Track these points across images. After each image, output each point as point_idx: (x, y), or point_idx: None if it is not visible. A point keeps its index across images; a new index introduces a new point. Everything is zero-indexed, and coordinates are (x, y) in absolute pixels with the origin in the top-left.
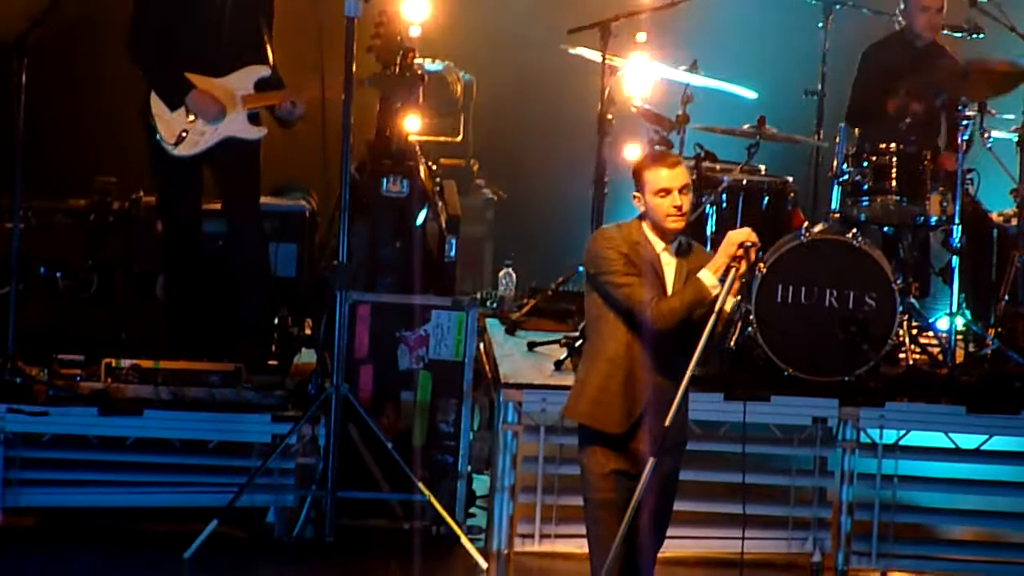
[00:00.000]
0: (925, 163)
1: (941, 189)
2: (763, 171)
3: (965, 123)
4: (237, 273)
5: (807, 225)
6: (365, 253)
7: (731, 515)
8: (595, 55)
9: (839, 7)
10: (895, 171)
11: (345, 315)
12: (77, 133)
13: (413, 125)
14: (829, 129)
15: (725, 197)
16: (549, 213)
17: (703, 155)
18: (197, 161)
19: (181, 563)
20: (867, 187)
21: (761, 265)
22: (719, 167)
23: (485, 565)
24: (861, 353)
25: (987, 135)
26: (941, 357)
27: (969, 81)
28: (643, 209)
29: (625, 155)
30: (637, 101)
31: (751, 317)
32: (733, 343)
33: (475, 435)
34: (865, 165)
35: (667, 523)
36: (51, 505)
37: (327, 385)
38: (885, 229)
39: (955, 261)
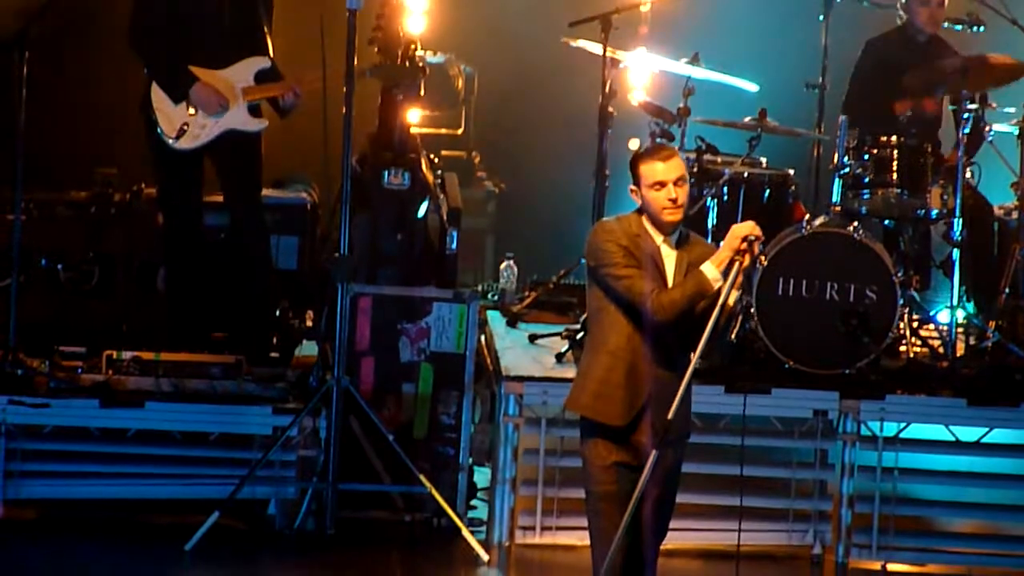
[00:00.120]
0: (926, 156)
1: (942, 182)
2: (764, 164)
3: (966, 116)
4: (238, 265)
5: (808, 218)
6: (366, 245)
7: (732, 507)
8: (596, 48)
9: (840, 0)
10: (896, 164)
11: (346, 307)
12: (78, 125)
13: (414, 117)
14: (830, 122)
15: (726, 190)
16: (550, 206)
17: (704, 148)
18: (198, 153)
19: (182, 555)
20: (868, 180)
21: (762, 258)
22: (720, 160)
23: (486, 557)
24: (862, 346)
25: (988, 128)
26: (942, 350)
27: (969, 75)
28: (640, 203)
29: (626, 148)
30: (638, 94)
31: (752, 310)
32: (734, 336)
33: (476, 427)
34: (866, 158)
35: (670, 515)
36: (52, 497)
37: (328, 377)
38: (886, 222)
39: (956, 254)
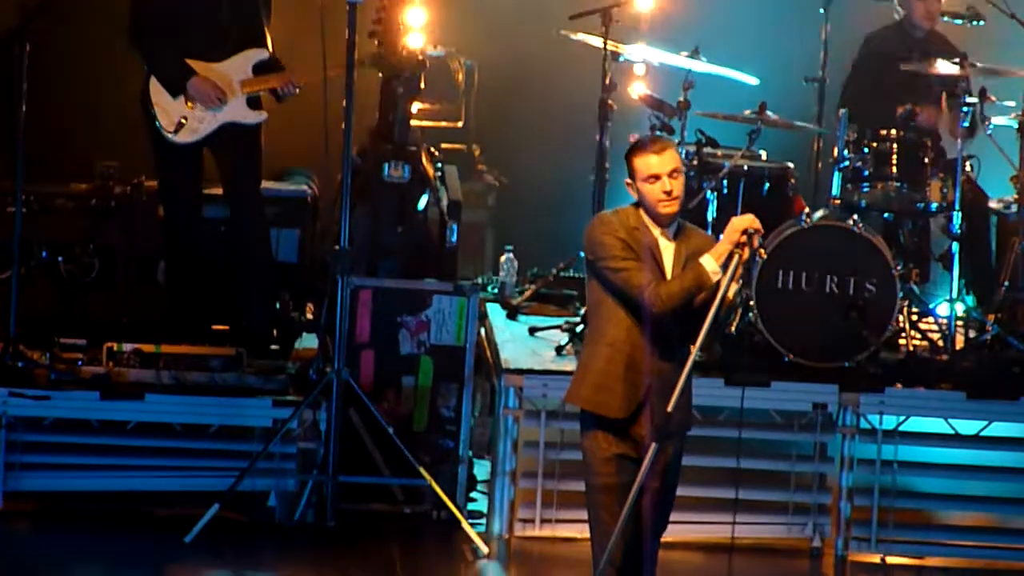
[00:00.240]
0: (925, 149)
1: (941, 175)
2: (764, 157)
3: (966, 109)
4: (239, 258)
5: (808, 211)
6: (366, 238)
7: (731, 500)
8: (596, 41)
9: None
10: (895, 157)
11: (346, 300)
12: (79, 118)
13: (415, 110)
14: (830, 115)
15: (726, 183)
16: (550, 198)
17: (704, 141)
18: (197, 146)
19: (182, 547)
20: (868, 173)
21: (762, 251)
22: (720, 153)
23: (486, 549)
24: (861, 339)
25: (987, 122)
26: (941, 343)
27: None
28: (636, 196)
29: (627, 141)
30: (638, 87)
31: (752, 303)
32: (734, 329)
33: (476, 420)
34: (866, 151)
35: (670, 508)
36: (53, 489)
37: (328, 370)
38: (885, 215)
39: (955, 247)
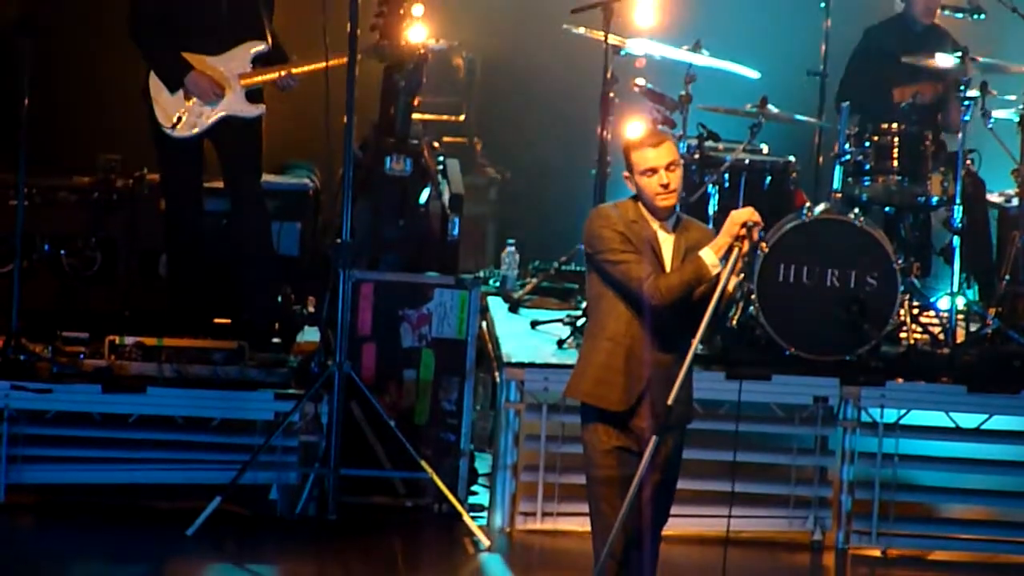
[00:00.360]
0: (926, 143)
1: (942, 169)
2: (765, 151)
3: (967, 104)
4: (240, 251)
5: (809, 205)
6: (368, 232)
7: (731, 493)
8: (598, 35)
9: None
10: (896, 151)
11: (348, 293)
12: (81, 111)
13: (416, 104)
14: (831, 109)
15: (727, 177)
16: (552, 192)
17: (706, 135)
18: (198, 140)
19: (184, 540)
20: (869, 167)
21: (763, 245)
22: (722, 147)
23: (487, 543)
24: (862, 332)
25: (988, 115)
26: (942, 337)
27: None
28: (634, 189)
29: (628, 135)
30: (640, 81)
31: (753, 296)
32: (735, 322)
33: (477, 413)
34: (867, 145)
35: (670, 501)
36: (55, 482)
37: (330, 363)
38: (887, 209)
39: (956, 241)
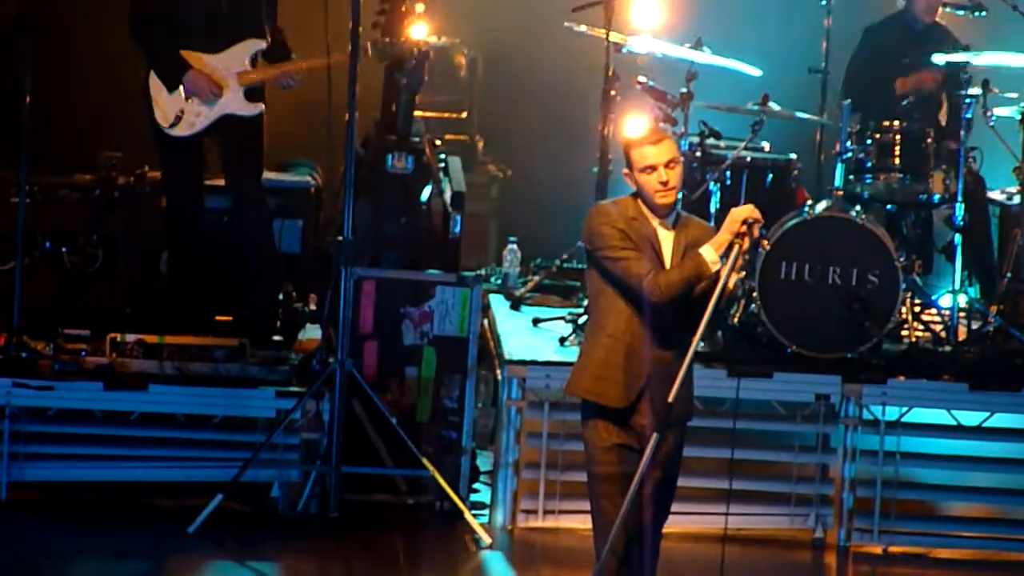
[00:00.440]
0: (928, 141)
1: (944, 167)
2: (767, 148)
3: (968, 101)
4: (241, 248)
5: (811, 203)
6: (370, 229)
7: (733, 491)
8: (599, 32)
9: None
10: (898, 149)
11: (350, 291)
12: (83, 108)
13: (418, 101)
14: (833, 107)
15: (729, 174)
16: (553, 189)
17: (707, 132)
18: (198, 138)
19: (186, 537)
20: (870, 165)
21: (765, 242)
22: (723, 144)
23: (489, 540)
24: (864, 330)
25: (990, 113)
26: (944, 334)
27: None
28: (634, 186)
29: (628, 132)
30: (641, 78)
31: (755, 294)
32: (737, 320)
33: (479, 411)
34: (868, 143)
35: (671, 498)
36: (56, 479)
37: (331, 360)
38: (888, 207)
39: (958, 239)
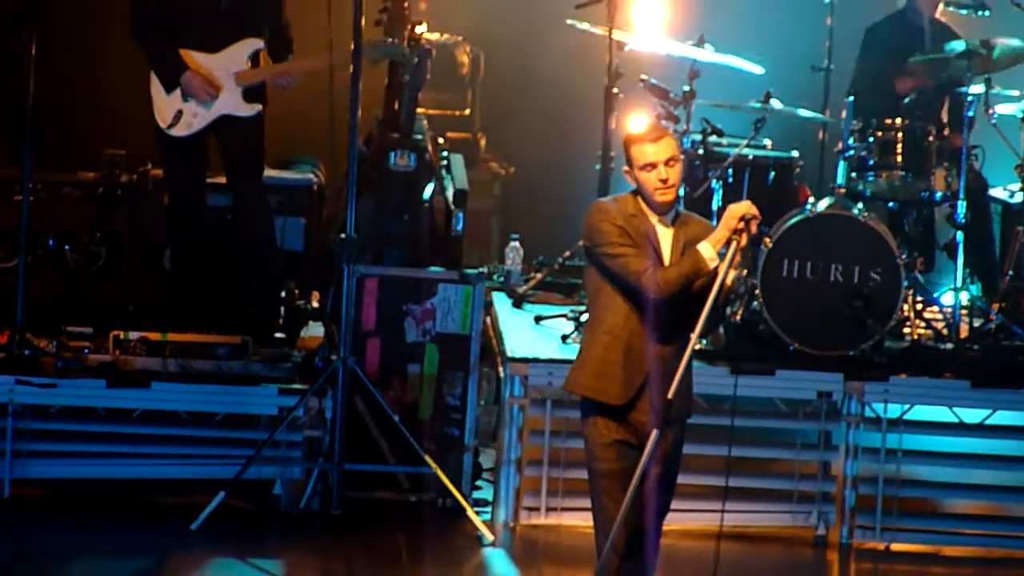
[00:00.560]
0: (930, 139)
1: (946, 165)
2: (769, 146)
3: (970, 99)
4: (242, 247)
5: (813, 200)
6: (372, 227)
7: (735, 488)
8: (602, 30)
9: None
10: (900, 147)
11: (352, 288)
12: (85, 106)
13: (420, 99)
14: (835, 104)
15: (731, 172)
16: (556, 187)
17: (710, 130)
18: (199, 136)
19: (188, 534)
20: (872, 162)
21: (767, 240)
22: (726, 142)
23: (491, 538)
24: (866, 328)
25: (991, 111)
26: (945, 332)
27: (974, 59)
28: (633, 183)
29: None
30: (643, 76)
31: (757, 291)
32: (739, 317)
33: (481, 408)
34: (871, 141)
35: (671, 495)
36: (59, 477)
37: (334, 358)
38: (890, 204)
39: (960, 236)
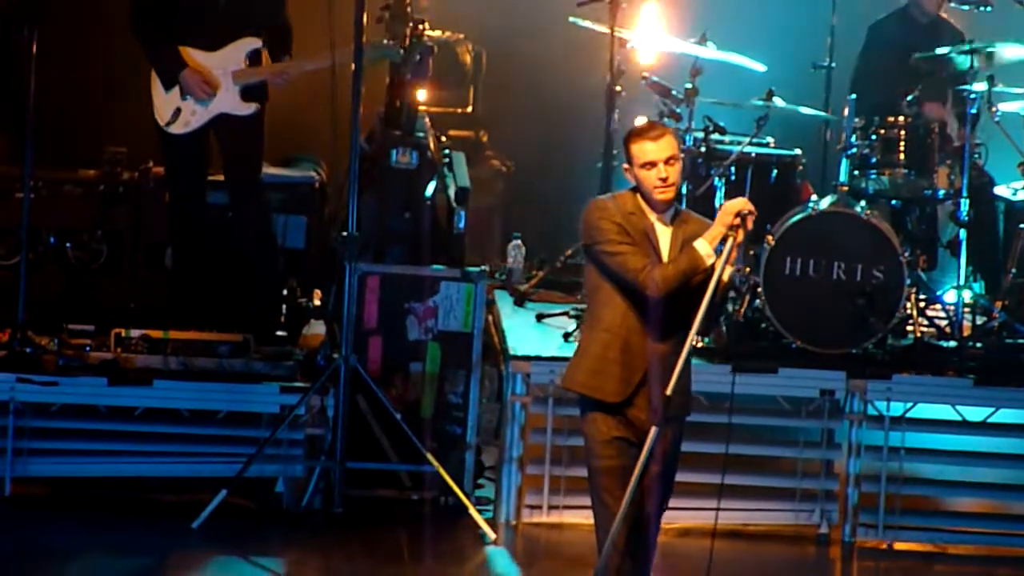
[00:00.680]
0: (932, 136)
1: (949, 162)
2: (772, 144)
3: (973, 97)
4: (242, 245)
5: (815, 198)
6: (374, 224)
7: (737, 486)
8: (604, 28)
9: None
10: (903, 144)
11: (354, 286)
12: (87, 104)
13: (422, 96)
14: (838, 102)
15: (734, 170)
16: (558, 185)
17: (712, 128)
18: (199, 134)
19: (190, 532)
20: (875, 160)
21: (769, 237)
22: (728, 140)
23: (493, 536)
24: (869, 325)
25: (995, 109)
26: (948, 330)
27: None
28: (633, 181)
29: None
30: (646, 74)
31: (759, 289)
32: (742, 315)
33: (483, 406)
34: (873, 138)
35: (669, 492)
36: (61, 475)
37: (336, 356)
38: (893, 202)
39: (963, 234)
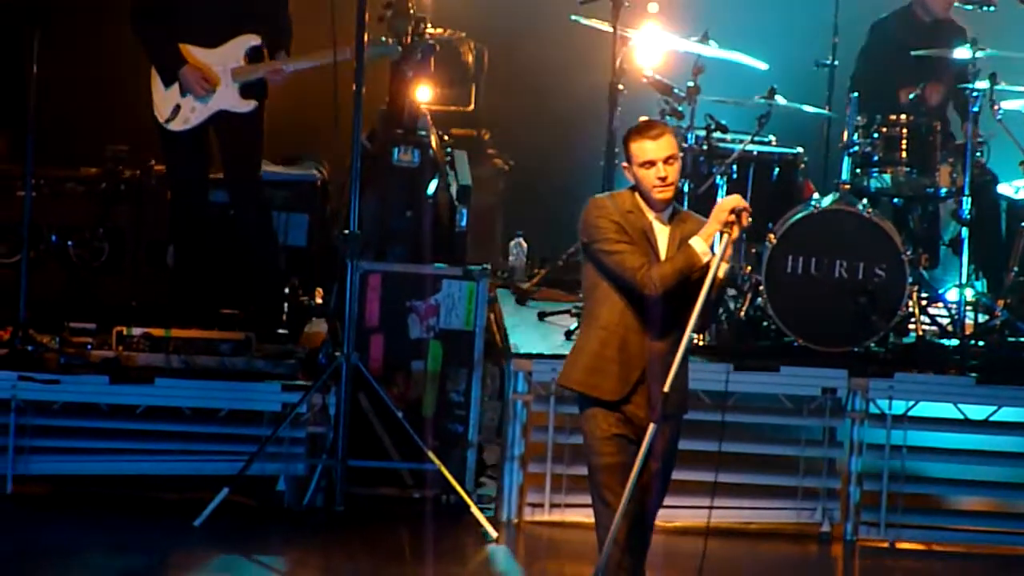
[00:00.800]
0: (934, 135)
1: (951, 160)
2: (773, 142)
3: (976, 95)
4: (243, 243)
5: (817, 196)
6: (376, 223)
7: (738, 485)
8: (606, 26)
9: None
10: (905, 142)
11: (356, 284)
12: (89, 102)
13: (424, 95)
14: (840, 100)
15: (736, 168)
16: (560, 183)
17: (714, 126)
18: (200, 132)
19: (192, 531)
20: (877, 158)
21: (771, 236)
22: (730, 138)
23: (495, 534)
24: (871, 324)
25: (997, 107)
26: (951, 328)
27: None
28: (632, 180)
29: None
30: (648, 72)
31: (761, 288)
32: (743, 313)
33: (485, 405)
34: (875, 136)
35: (666, 489)
36: (62, 473)
37: (338, 354)
38: (895, 200)
39: (965, 232)
